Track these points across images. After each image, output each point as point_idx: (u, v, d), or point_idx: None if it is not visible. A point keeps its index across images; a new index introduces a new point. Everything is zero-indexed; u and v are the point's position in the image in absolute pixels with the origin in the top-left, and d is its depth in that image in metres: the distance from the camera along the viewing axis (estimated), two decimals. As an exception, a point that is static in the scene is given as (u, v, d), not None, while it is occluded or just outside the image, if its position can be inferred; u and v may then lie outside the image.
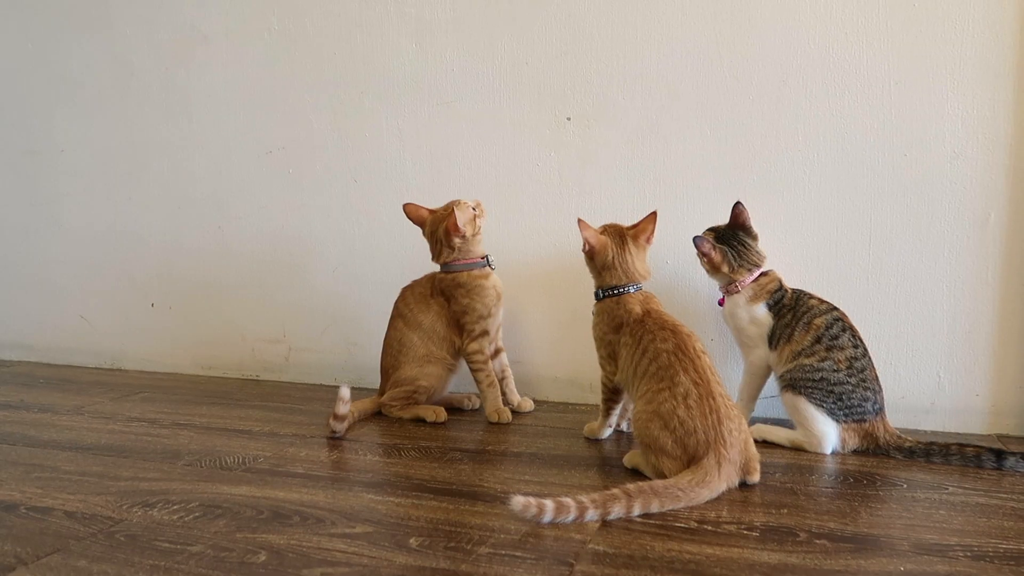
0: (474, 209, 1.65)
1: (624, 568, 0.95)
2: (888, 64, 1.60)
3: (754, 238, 1.55)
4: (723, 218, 1.60)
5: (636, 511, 1.11)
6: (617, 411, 1.51)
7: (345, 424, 1.54)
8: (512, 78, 1.83)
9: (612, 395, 1.48)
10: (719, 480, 1.17)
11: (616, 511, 1.10)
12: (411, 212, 1.70)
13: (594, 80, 1.77)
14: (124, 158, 2.21)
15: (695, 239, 1.53)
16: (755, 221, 1.56)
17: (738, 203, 1.55)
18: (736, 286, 1.54)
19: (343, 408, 1.50)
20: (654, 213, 1.44)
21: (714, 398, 1.21)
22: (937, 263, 1.60)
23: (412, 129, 1.93)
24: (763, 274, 1.53)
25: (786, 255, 1.62)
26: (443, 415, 1.64)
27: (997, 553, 1.00)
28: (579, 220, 1.43)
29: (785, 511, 1.14)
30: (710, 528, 1.08)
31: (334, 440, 1.52)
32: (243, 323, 2.12)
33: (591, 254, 1.45)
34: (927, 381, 1.62)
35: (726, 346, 1.71)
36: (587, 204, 1.79)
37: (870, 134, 1.61)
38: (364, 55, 1.95)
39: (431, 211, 1.69)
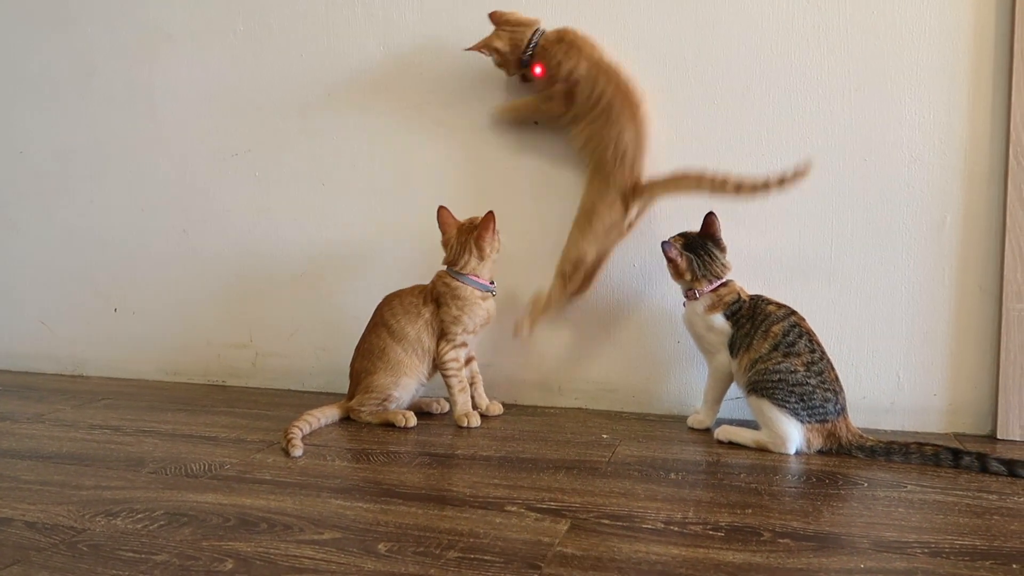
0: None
1: (592, 570, 0.96)
2: (848, 71, 1.63)
3: (722, 249, 1.57)
4: (689, 223, 1.62)
5: None
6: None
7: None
8: (481, 81, 1.83)
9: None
10: None
11: None
12: (444, 216, 1.69)
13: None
14: (85, 159, 2.17)
15: (663, 244, 1.55)
16: (724, 228, 1.58)
17: (710, 213, 1.57)
18: (694, 292, 1.56)
19: None
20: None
21: None
22: (896, 265, 1.64)
23: (381, 132, 1.92)
24: (722, 285, 1.56)
25: (750, 258, 1.65)
26: (413, 420, 1.64)
27: (953, 549, 1.03)
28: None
29: (750, 511, 1.16)
30: (676, 529, 1.09)
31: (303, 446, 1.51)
32: (208, 328, 2.10)
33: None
34: (887, 381, 1.66)
35: (693, 348, 1.73)
36: (558, 209, 1.80)
37: (831, 139, 1.65)
38: (331, 57, 1.94)
39: (459, 222, 1.69)
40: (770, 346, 1.46)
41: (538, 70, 1.68)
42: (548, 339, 1.82)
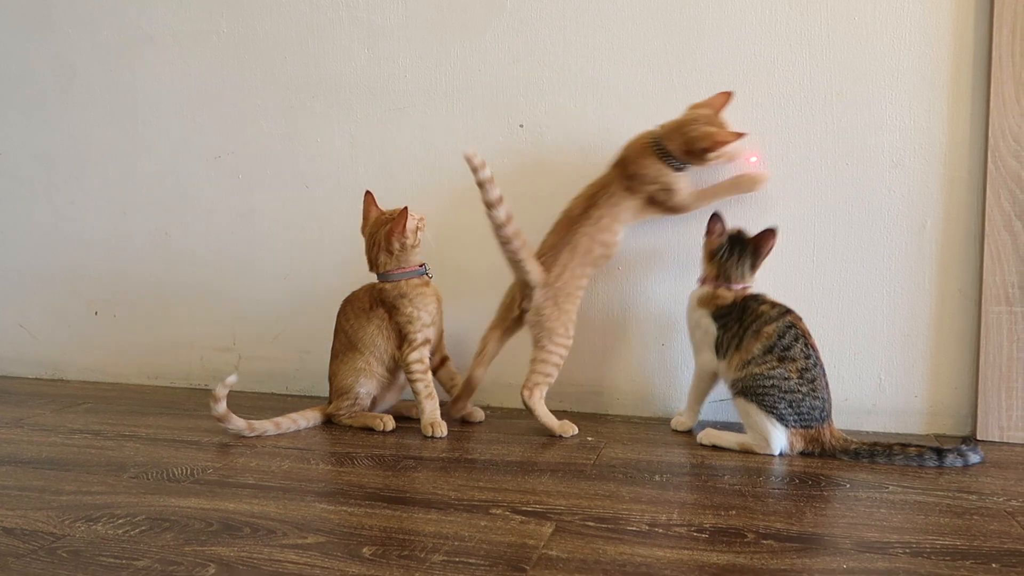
0: (418, 222, 1.65)
1: (577, 572, 0.96)
2: (830, 75, 1.65)
3: (754, 266, 1.53)
4: (669, 229, 1.63)
5: None
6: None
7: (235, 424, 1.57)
8: (465, 84, 1.84)
9: None
10: None
11: None
12: (367, 203, 1.69)
13: (546, 88, 1.78)
14: (66, 161, 2.14)
15: (715, 214, 1.55)
16: (703, 228, 1.58)
17: (771, 231, 1.52)
18: (702, 278, 1.57)
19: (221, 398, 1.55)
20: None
21: None
22: (877, 269, 1.65)
23: (364, 134, 1.91)
24: (727, 288, 1.52)
25: (734, 261, 1.66)
26: (391, 424, 1.64)
27: (934, 549, 1.04)
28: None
29: (734, 512, 1.17)
30: (660, 531, 1.10)
31: (281, 448, 1.50)
32: (191, 331, 2.08)
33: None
34: (869, 383, 1.67)
35: (678, 351, 1.74)
36: (542, 212, 1.80)
37: (813, 143, 1.66)
38: (315, 59, 1.93)
39: (380, 211, 1.68)
40: (763, 348, 1.45)
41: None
42: (530, 343, 1.81)
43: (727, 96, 1.57)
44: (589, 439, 1.58)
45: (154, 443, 1.55)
